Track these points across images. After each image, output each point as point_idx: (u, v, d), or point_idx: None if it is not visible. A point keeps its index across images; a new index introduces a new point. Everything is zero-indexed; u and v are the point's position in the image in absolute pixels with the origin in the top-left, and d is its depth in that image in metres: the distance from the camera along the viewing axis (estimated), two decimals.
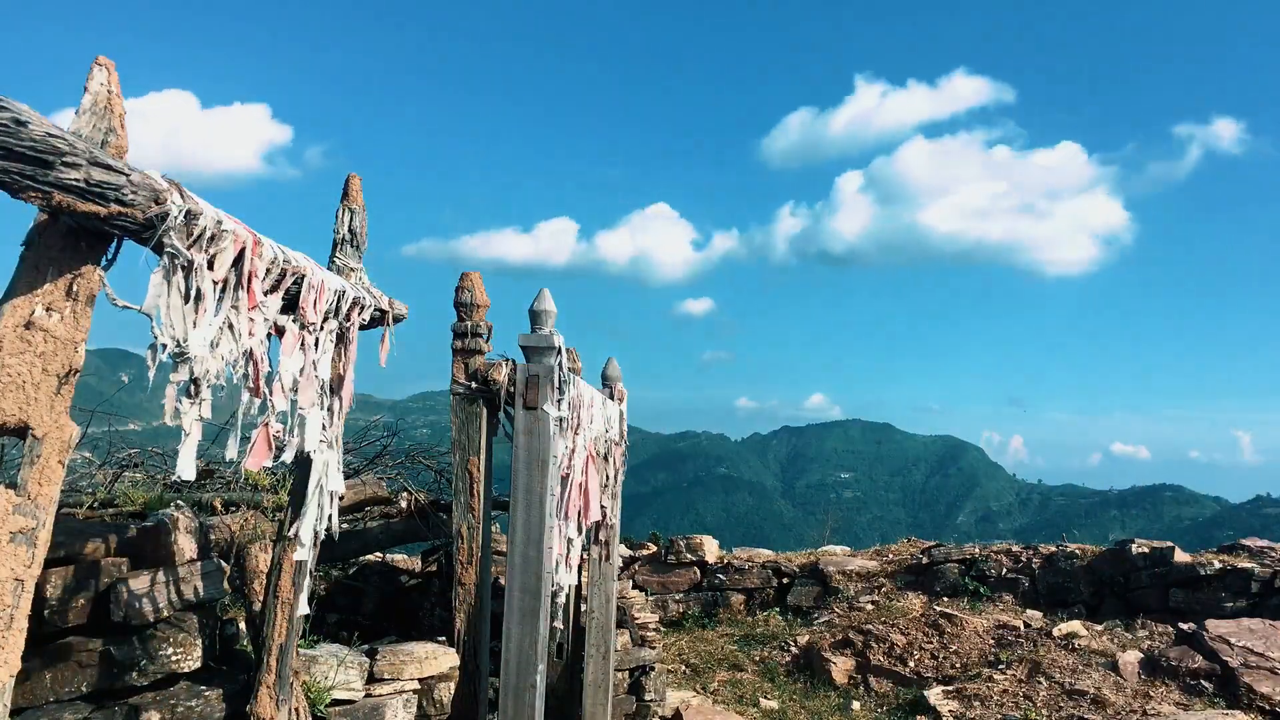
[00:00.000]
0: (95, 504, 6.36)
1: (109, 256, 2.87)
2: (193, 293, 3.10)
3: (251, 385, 3.54)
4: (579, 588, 8.17)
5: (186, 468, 3.16)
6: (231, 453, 3.58)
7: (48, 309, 2.68)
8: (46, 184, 2.50)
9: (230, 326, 3.34)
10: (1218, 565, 11.80)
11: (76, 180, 2.55)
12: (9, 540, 2.60)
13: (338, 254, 4.72)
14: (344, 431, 5.03)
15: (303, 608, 4.71)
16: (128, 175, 2.71)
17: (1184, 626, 10.90)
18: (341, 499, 7.58)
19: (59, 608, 4.83)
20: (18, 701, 4.56)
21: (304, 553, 4.52)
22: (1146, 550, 12.25)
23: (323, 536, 4.66)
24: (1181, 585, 11.89)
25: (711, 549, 14.14)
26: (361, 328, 4.64)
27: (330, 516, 4.61)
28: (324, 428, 4.33)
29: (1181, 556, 12.14)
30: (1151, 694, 9.81)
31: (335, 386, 4.43)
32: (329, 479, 4.49)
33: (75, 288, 2.74)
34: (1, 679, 2.61)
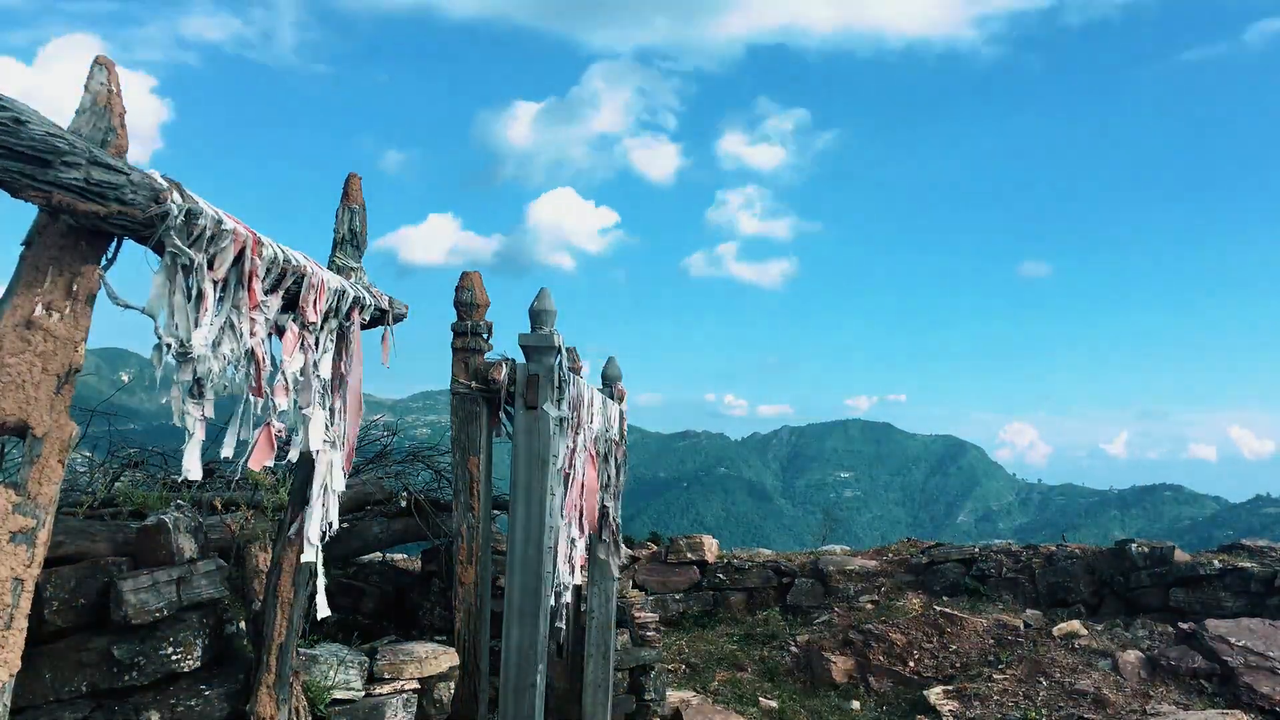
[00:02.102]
0: (95, 503, 6.35)
1: (109, 256, 2.87)
2: (194, 292, 3.10)
3: (254, 385, 3.54)
4: (579, 587, 8.18)
5: (193, 468, 3.16)
6: (228, 451, 3.58)
7: (48, 308, 2.68)
8: (46, 183, 2.50)
9: (232, 326, 3.34)
10: (1218, 565, 11.79)
11: (76, 179, 2.55)
12: (9, 540, 2.61)
13: (337, 253, 4.72)
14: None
15: (323, 609, 4.70)
16: (127, 174, 2.71)
17: (1184, 626, 10.90)
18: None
19: (59, 607, 4.83)
20: (18, 701, 4.56)
21: (311, 553, 4.52)
22: (1146, 550, 12.25)
23: (327, 537, 4.66)
24: (1181, 585, 11.88)
25: (711, 548, 14.14)
26: (362, 327, 4.64)
27: (332, 516, 4.61)
28: (326, 427, 4.33)
29: (1181, 556, 12.14)
30: (1151, 693, 9.81)
31: (336, 386, 4.43)
32: (333, 479, 4.50)
33: (75, 287, 2.73)
34: (2, 678, 2.61)
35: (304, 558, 4.53)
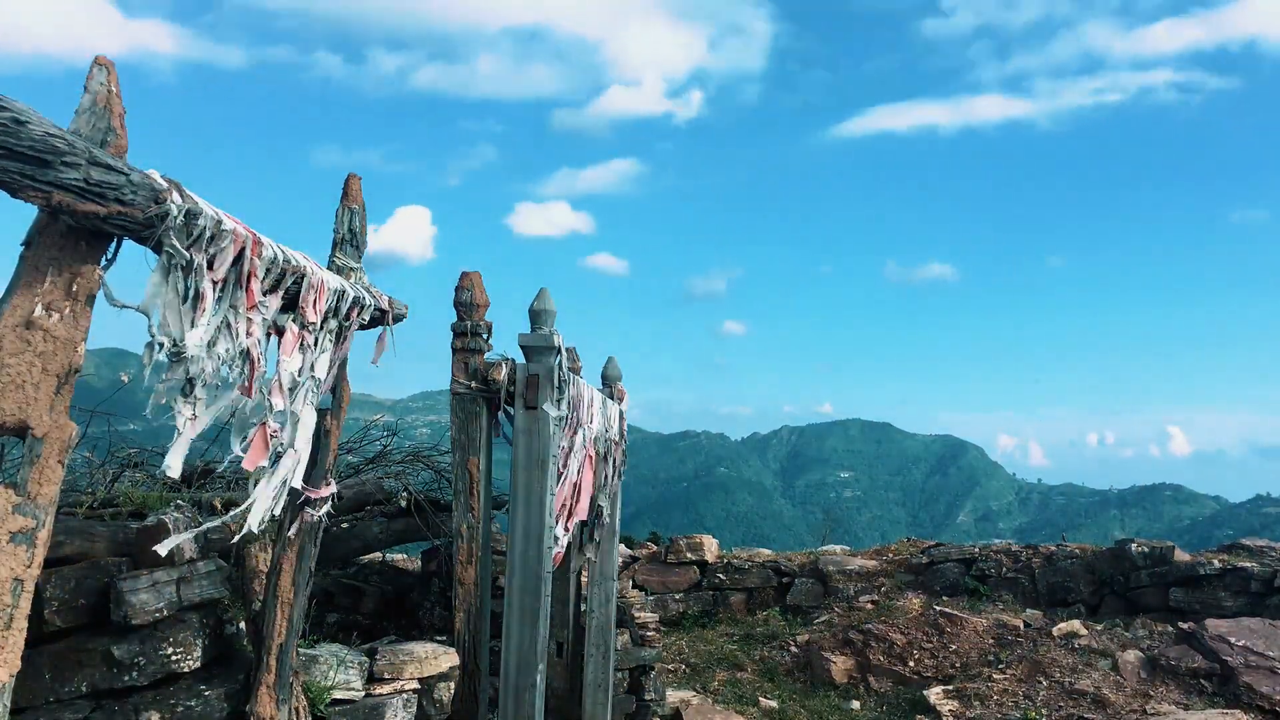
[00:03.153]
0: (95, 504, 6.35)
1: (109, 256, 2.87)
2: (191, 292, 3.10)
3: (245, 385, 3.53)
4: (579, 587, 8.17)
5: (174, 465, 3.15)
6: (237, 450, 3.58)
7: (47, 308, 2.68)
8: (46, 183, 2.50)
9: (228, 326, 3.34)
10: (1217, 564, 11.80)
11: (76, 180, 2.55)
12: (9, 540, 2.60)
13: (337, 254, 4.72)
14: (344, 431, 5.02)
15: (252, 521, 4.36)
16: (127, 175, 2.71)
17: (1184, 626, 10.90)
18: (341, 498, 7.59)
19: (59, 607, 4.83)
20: (18, 701, 4.55)
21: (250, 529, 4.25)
22: (1146, 549, 12.25)
23: (263, 525, 4.51)
24: (1181, 584, 11.89)
25: (711, 548, 14.15)
26: (362, 327, 4.64)
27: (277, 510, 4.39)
28: (312, 426, 4.30)
29: (1181, 556, 12.14)
30: (1151, 693, 9.81)
31: (329, 386, 4.42)
32: (296, 476, 4.39)
33: (75, 287, 2.73)
34: (2, 679, 2.61)
35: (239, 534, 4.32)
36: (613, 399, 7.91)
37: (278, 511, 4.38)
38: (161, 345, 3.01)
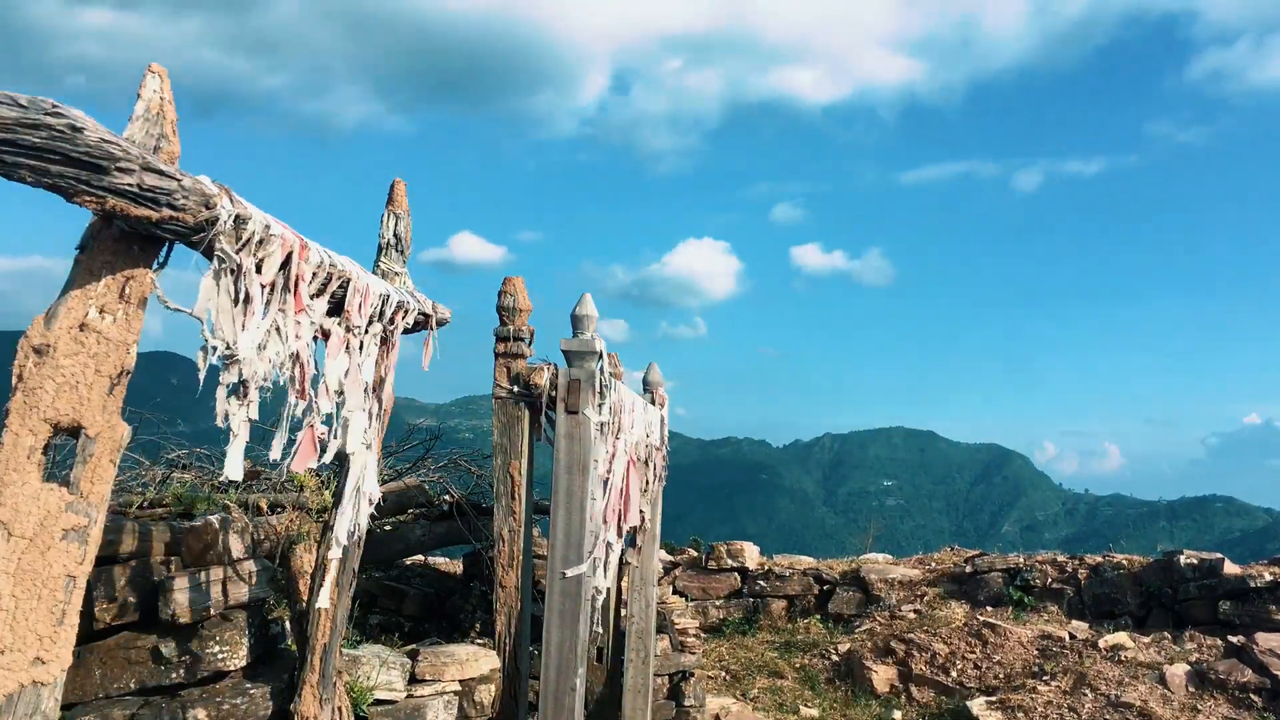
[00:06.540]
0: (145, 503, 6.47)
1: (160, 260, 2.92)
2: (241, 296, 3.15)
3: (298, 388, 3.59)
4: (619, 592, 8.18)
5: (234, 468, 3.21)
6: (275, 454, 3.63)
7: (101, 311, 2.74)
8: (100, 189, 2.55)
9: (277, 329, 3.38)
10: (1268, 577, 11.55)
11: (129, 185, 2.60)
12: (61, 537, 2.66)
13: (382, 258, 4.77)
14: (387, 435, 5.08)
15: (323, 600, 4.73)
16: (179, 180, 2.76)
17: (1233, 639, 10.70)
18: (384, 501, 7.67)
19: (109, 605, 4.92)
20: (69, 696, 4.65)
21: (337, 551, 4.54)
22: (1195, 561, 12.03)
23: (357, 536, 4.70)
24: (1230, 597, 11.65)
25: (752, 555, 14.09)
26: (405, 331, 4.69)
27: (362, 518, 4.63)
28: (364, 430, 4.38)
29: (1231, 568, 11.90)
30: (1199, 707, 9.64)
31: (376, 388, 4.48)
32: (366, 481, 4.53)
33: (128, 290, 2.79)
34: (53, 674, 2.66)
35: (330, 555, 4.56)
36: (654, 404, 7.92)
37: (363, 523, 4.55)
38: (214, 349, 3.06)
